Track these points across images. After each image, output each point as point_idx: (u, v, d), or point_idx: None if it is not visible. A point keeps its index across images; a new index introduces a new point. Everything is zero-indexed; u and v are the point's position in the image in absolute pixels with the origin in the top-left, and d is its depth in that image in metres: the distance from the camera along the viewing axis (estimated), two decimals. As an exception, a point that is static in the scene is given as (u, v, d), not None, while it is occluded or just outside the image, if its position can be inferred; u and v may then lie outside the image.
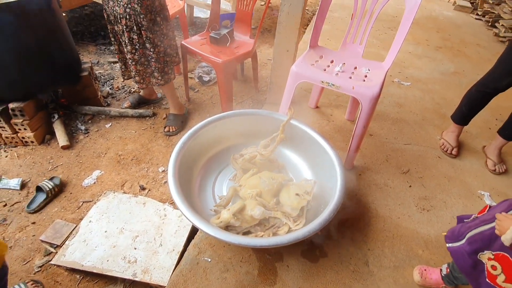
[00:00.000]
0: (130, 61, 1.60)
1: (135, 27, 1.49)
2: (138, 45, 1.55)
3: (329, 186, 1.28)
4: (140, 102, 2.08)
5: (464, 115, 1.79)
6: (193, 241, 1.27)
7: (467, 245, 0.90)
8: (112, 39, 1.64)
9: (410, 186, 1.60)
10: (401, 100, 2.29)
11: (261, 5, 3.87)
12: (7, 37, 1.44)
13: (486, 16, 4.21)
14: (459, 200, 1.55)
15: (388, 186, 1.59)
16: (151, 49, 1.58)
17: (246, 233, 1.19)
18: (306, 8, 4.08)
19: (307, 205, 1.24)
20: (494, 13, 4.08)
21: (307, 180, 1.38)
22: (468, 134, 2.01)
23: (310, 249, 1.27)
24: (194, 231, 1.34)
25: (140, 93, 2.10)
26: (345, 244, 1.30)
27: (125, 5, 1.43)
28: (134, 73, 1.65)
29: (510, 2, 3.84)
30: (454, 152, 1.81)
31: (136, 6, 1.44)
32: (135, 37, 1.52)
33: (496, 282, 0.82)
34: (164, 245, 1.28)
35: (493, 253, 0.83)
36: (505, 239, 0.75)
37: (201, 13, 3.48)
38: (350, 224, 1.39)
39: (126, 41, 1.53)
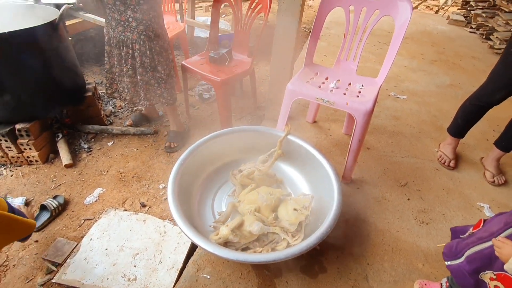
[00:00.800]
0: (141, 82, 1.68)
1: (148, 51, 1.58)
2: (149, 68, 1.64)
3: (326, 200, 1.29)
4: (142, 120, 2.14)
5: (459, 128, 1.81)
6: (192, 258, 1.28)
7: (467, 264, 0.88)
8: (106, 59, 1.72)
9: (408, 199, 1.61)
10: (397, 113, 2.33)
11: (259, 23, 4.00)
12: (16, 61, 1.51)
13: (480, 29, 4.31)
14: (458, 213, 1.55)
15: (386, 199, 1.60)
16: (162, 72, 1.68)
17: (245, 249, 1.20)
18: (303, 25, 4.22)
19: (305, 220, 1.25)
20: (488, 26, 4.18)
21: (305, 194, 1.40)
22: (465, 146, 2.03)
23: (309, 264, 1.27)
24: (193, 247, 1.34)
25: (142, 112, 2.16)
26: (344, 259, 1.30)
27: (140, 32, 1.53)
28: (143, 94, 1.73)
29: (504, 14, 3.94)
30: (451, 164, 1.82)
31: (150, 33, 1.55)
32: (147, 60, 1.61)
33: None
34: (164, 262, 1.29)
35: (495, 273, 0.81)
36: (508, 268, 0.73)
37: (202, 33, 3.61)
38: (349, 239, 1.39)
39: (138, 65, 1.62)
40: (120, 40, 1.58)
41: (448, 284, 1.11)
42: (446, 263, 0.98)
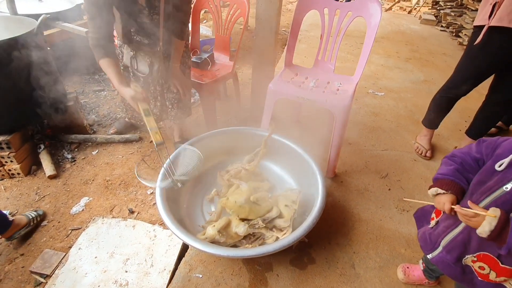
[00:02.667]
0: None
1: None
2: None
3: (312, 194, 1.34)
4: (127, 128, 2.13)
5: (432, 119, 1.92)
6: (183, 259, 1.30)
7: (446, 254, 0.90)
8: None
9: (389, 189, 1.69)
10: (376, 110, 2.43)
11: (240, 28, 4.07)
12: (-6, 73, 1.49)
13: (450, 27, 4.56)
14: (436, 199, 1.64)
15: (368, 190, 1.67)
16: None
17: (233, 247, 1.22)
18: (283, 29, 4.32)
19: (294, 215, 1.29)
20: (457, 24, 4.42)
21: (291, 189, 1.45)
22: (440, 137, 2.14)
23: (298, 256, 1.32)
24: (184, 249, 1.36)
25: (126, 119, 2.15)
26: (331, 249, 1.36)
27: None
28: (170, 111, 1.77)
29: (471, 13, 4.18)
30: (428, 154, 1.93)
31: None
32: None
33: (490, 279, 0.81)
34: (155, 265, 1.30)
35: (474, 255, 0.82)
36: (482, 231, 0.71)
37: (183, 39, 3.62)
38: (335, 230, 1.45)
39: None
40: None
41: (424, 265, 1.18)
42: (428, 256, 0.98)
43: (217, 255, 1.08)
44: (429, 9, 5.51)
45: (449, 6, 4.69)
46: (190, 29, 1.57)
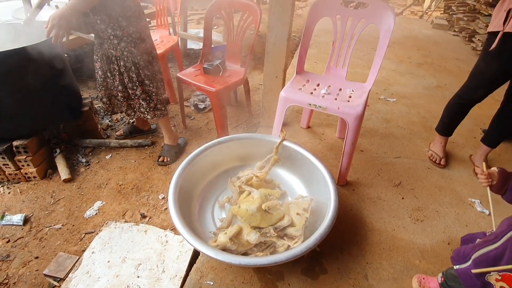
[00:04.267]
0: (134, 96, 1.71)
1: (133, 67, 1.61)
2: (137, 82, 1.67)
3: (323, 202, 1.33)
4: (133, 132, 2.16)
5: (446, 126, 1.88)
6: (195, 266, 1.30)
7: (473, 266, 0.91)
8: (102, 76, 1.71)
9: (402, 198, 1.66)
10: (388, 116, 2.40)
11: (251, 33, 4.10)
12: (15, 79, 1.54)
13: (463, 32, 4.49)
14: (451, 209, 1.60)
15: (381, 199, 1.64)
16: (150, 85, 1.71)
17: (244, 255, 1.22)
18: (293, 34, 4.33)
19: (305, 223, 1.28)
20: (470, 28, 4.35)
21: (303, 197, 1.44)
22: (454, 145, 2.10)
23: (310, 266, 1.30)
24: (195, 255, 1.36)
25: (134, 124, 2.18)
26: (343, 259, 1.33)
27: (122, 49, 1.56)
28: (137, 106, 1.76)
29: (484, 18, 4.11)
30: (442, 162, 1.89)
31: (132, 49, 1.57)
32: (134, 75, 1.64)
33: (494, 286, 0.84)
34: (167, 271, 1.30)
35: (500, 274, 0.83)
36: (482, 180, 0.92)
37: (194, 45, 3.68)
38: (347, 239, 1.42)
39: (126, 80, 1.65)
40: (107, 57, 1.61)
41: (443, 279, 1.15)
42: (455, 267, 1.02)
43: (229, 263, 1.07)
44: (441, 13, 5.44)
45: (462, 11, 4.62)
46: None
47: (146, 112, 1.78)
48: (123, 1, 1.48)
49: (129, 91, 1.70)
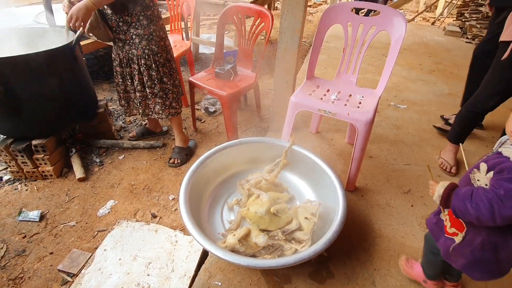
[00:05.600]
0: (151, 95, 1.77)
1: (153, 64, 1.68)
2: (156, 80, 1.73)
3: (331, 207, 1.34)
4: (145, 134, 2.22)
5: (458, 134, 1.87)
6: (203, 266, 1.32)
7: (433, 216, 1.10)
8: (120, 80, 1.79)
9: (412, 206, 1.65)
10: (398, 122, 2.40)
11: (261, 39, 4.15)
12: (35, 81, 1.61)
13: (476, 40, 4.43)
14: (462, 218, 1.58)
15: (390, 206, 1.64)
16: (168, 82, 1.78)
17: (252, 256, 1.23)
18: (304, 40, 4.36)
19: (313, 227, 1.29)
20: (483, 36, 4.29)
21: (311, 201, 1.45)
22: (466, 152, 2.07)
23: (317, 270, 1.31)
24: (204, 255, 1.39)
25: (146, 126, 2.24)
26: (351, 264, 1.34)
27: (144, 47, 1.63)
28: (153, 106, 1.82)
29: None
30: (453, 170, 1.87)
31: (153, 46, 1.64)
32: (154, 73, 1.71)
33: (447, 231, 0.99)
34: (176, 270, 1.33)
35: (448, 210, 0.99)
36: (435, 197, 0.94)
37: (206, 49, 3.75)
38: (355, 245, 1.43)
39: (145, 79, 1.71)
40: (129, 59, 1.68)
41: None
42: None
43: (238, 264, 1.09)
44: (453, 20, 5.39)
45: (475, 18, 4.57)
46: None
47: (161, 111, 1.83)
48: (143, 0, 1.54)
49: (148, 90, 1.76)
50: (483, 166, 0.87)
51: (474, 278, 1.00)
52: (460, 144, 1.90)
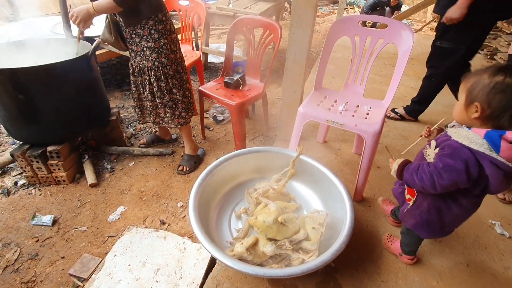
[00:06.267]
0: (160, 105, 1.83)
1: (162, 76, 1.73)
2: (166, 91, 1.78)
3: (339, 217, 1.35)
4: (155, 141, 2.27)
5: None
6: (211, 274, 1.34)
7: (398, 186, 1.29)
8: (134, 89, 1.89)
9: (420, 217, 1.64)
10: (406, 133, 2.39)
11: (269, 48, 4.22)
12: (54, 90, 1.68)
13: (484, 50, 4.42)
14: (470, 230, 1.57)
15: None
16: (177, 93, 1.82)
17: (259, 265, 1.24)
18: (311, 49, 4.41)
19: (320, 237, 1.30)
20: (492, 46, 4.28)
21: (318, 211, 1.45)
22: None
23: (324, 281, 1.31)
24: (212, 263, 1.40)
25: (156, 133, 2.29)
26: (358, 276, 1.33)
27: (154, 60, 1.68)
28: (163, 115, 1.87)
29: (506, 36, 4.05)
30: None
31: (163, 59, 1.69)
32: (163, 84, 1.76)
33: (405, 197, 1.21)
34: (184, 277, 1.35)
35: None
36: (392, 173, 1.13)
37: (215, 59, 3.83)
38: (363, 256, 1.42)
39: (155, 89, 1.76)
40: (140, 69, 1.75)
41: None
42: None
43: (246, 273, 1.10)
44: (461, 30, 5.38)
45: (484, 28, 4.56)
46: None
47: (170, 121, 1.88)
48: (155, 15, 1.60)
49: (157, 100, 1.81)
50: (433, 143, 1.02)
51: (422, 235, 1.19)
52: None
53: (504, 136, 0.82)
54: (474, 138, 0.87)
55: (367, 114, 1.63)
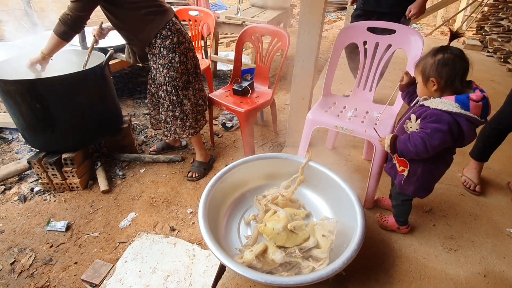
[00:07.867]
0: (171, 118, 1.88)
1: (173, 90, 1.77)
2: (177, 103, 1.83)
3: (349, 225, 1.32)
4: (165, 148, 2.30)
5: (481, 151, 1.81)
6: (220, 281, 1.33)
7: (388, 163, 1.43)
8: (150, 99, 1.98)
9: (434, 225, 1.60)
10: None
11: (278, 55, 4.25)
12: (69, 100, 1.73)
13: (497, 53, 4.33)
14: (488, 239, 1.52)
15: (411, 225, 1.59)
16: (187, 104, 1.86)
17: (269, 273, 1.23)
18: (320, 56, 4.42)
19: (331, 245, 1.28)
20: (505, 49, 4.19)
21: (328, 218, 1.44)
22: (491, 171, 2.00)
23: (335, 290, 1.28)
24: (221, 270, 1.40)
25: (166, 140, 2.33)
26: (370, 285, 1.30)
27: (165, 75, 1.73)
28: (173, 128, 1.92)
29: (520, 39, 3.96)
30: (477, 189, 1.80)
31: (172, 73, 1.73)
32: (174, 98, 1.80)
33: (398, 170, 1.31)
34: (194, 284, 1.35)
35: (395, 155, 1.31)
36: (386, 147, 1.26)
37: (223, 66, 3.88)
38: (374, 265, 1.39)
39: (167, 103, 1.82)
40: (156, 84, 1.84)
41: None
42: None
43: (255, 281, 1.10)
44: (473, 34, 5.30)
45: (496, 32, 4.48)
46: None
47: (181, 132, 1.91)
48: (159, 33, 1.65)
49: (169, 113, 1.85)
50: (413, 117, 1.16)
51: (421, 197, 1.35)
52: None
53: (470, 97, 1.05)
54: (449, 104, 1.06)
55: (377, 119, 1.62)
